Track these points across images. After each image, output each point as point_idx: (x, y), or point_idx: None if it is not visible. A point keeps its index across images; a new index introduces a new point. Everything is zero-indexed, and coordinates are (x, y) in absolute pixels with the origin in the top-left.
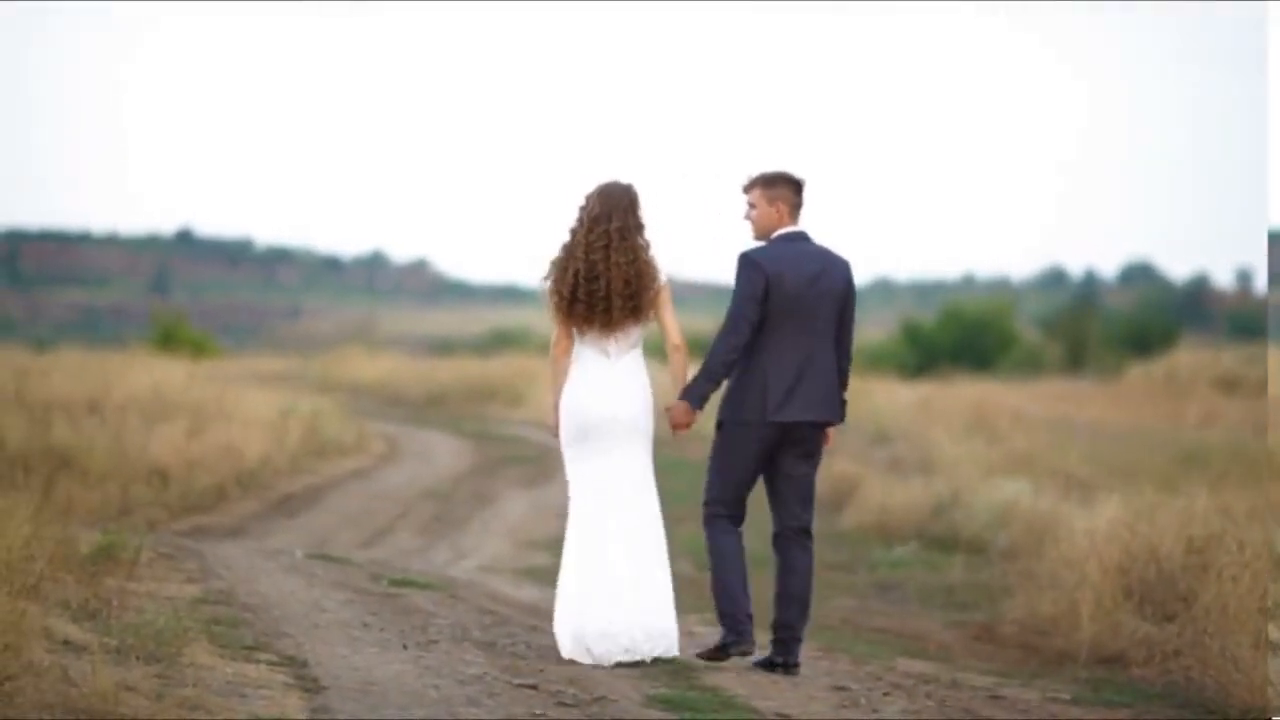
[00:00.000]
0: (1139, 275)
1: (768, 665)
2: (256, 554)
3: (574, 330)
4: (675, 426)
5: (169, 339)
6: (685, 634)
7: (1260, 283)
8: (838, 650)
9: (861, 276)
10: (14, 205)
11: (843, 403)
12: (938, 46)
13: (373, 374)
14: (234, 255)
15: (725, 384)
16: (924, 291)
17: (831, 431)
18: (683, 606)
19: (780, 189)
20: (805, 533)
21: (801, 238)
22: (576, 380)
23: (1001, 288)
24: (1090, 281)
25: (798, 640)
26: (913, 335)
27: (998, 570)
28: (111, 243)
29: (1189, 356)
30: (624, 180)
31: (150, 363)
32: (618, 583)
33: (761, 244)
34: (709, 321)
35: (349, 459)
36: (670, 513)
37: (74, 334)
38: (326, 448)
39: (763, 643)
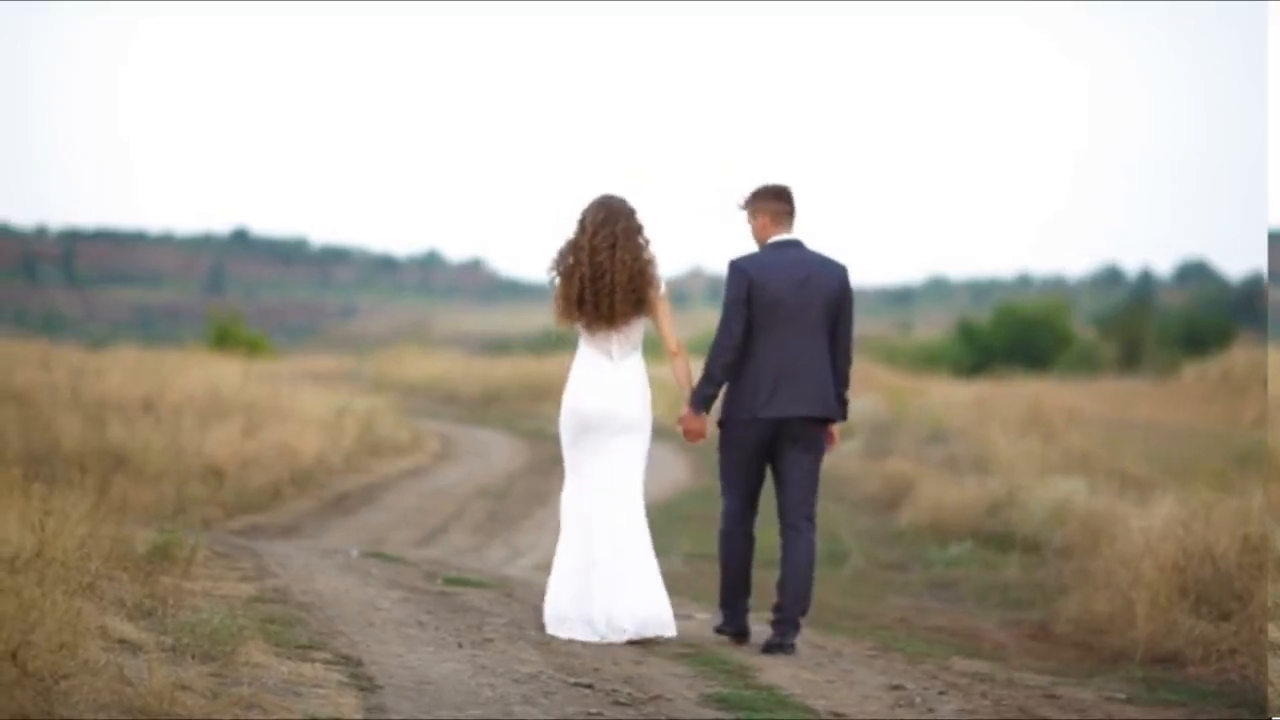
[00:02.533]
0: (1195, 274)
1: (766, 648)
2: (311, 552)
3: (580, 329)
4: (690, 436)
5: (224, 338)
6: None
7: None
8: (893, 649)
9: (917, 275)
10: (70, 205)
11: (844, 401)
12: (996, 46)
13: (428, 373)
14: (289, 254)
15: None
16: (979, 290)
17: (835, 429)
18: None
19: (766, 201)
20: (807, 521)
21: (792, 245)
22: (579, 379)
23: (1057, 286)
24: (1146, 280)
25: (791, 624)
26: (968, 334)
27: (1053, 569)
28: (167, 242)
29: (1245, 355)
30: (617, 194)
31: (205, 362)
32: (606, 570)
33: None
34: None
35: (404, 458)
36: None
37: (129, 333)
38: (381, 446)
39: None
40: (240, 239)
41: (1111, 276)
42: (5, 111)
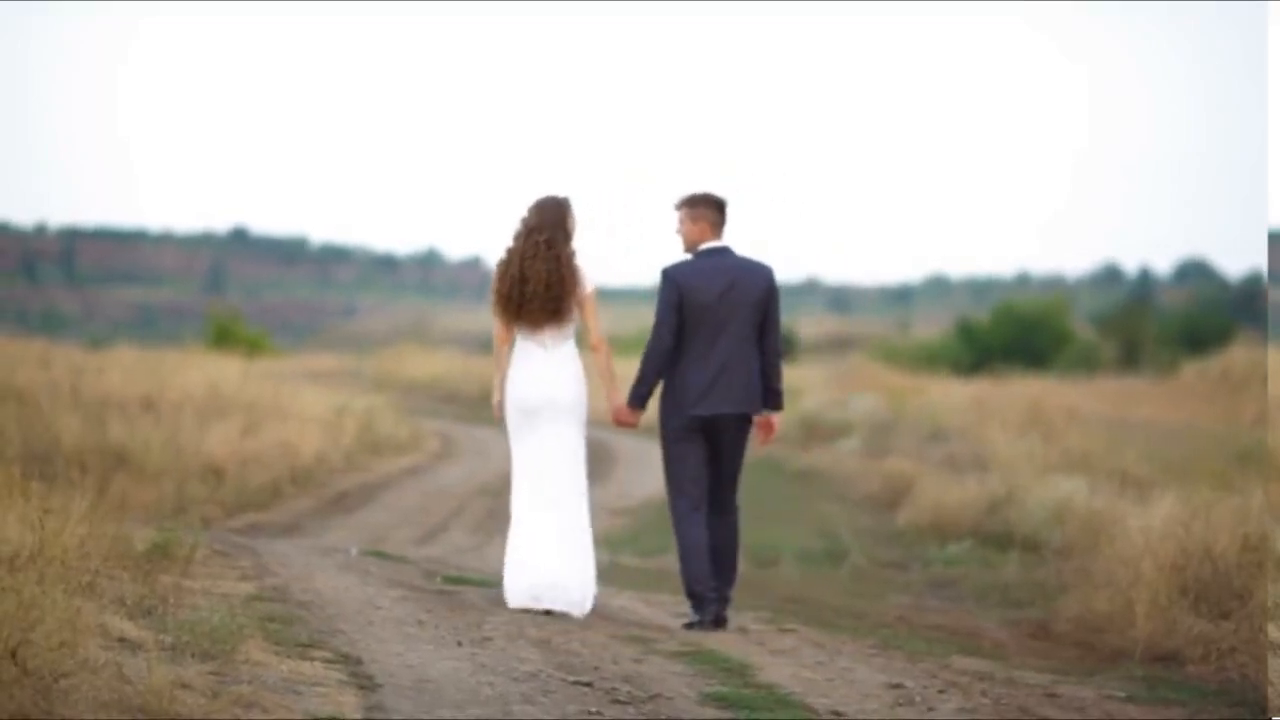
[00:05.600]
0: (1194, 273)
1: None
2: (311, 551)
3: (512, 325)
4: (619, 423)
5: (224, 337)
6: (737, 630)
7: None
8: (893, 647)
9: (916, 274)
10: (70, 203)
11: (776, 393)
12: (996, 46)
13: (427, 371)
14: (289, 253)
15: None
16: (979, 289)
17: (775, 419)
18: (737, 604)
19: (702, 209)
20: (732, 505)
21: (720, 252)
22: (517, 368)
23: (1056, 285)
24: (1145, 279)
25: (723, 599)
26: (968, 333)
27: (1053, 568)
28: (167, 241)
29: (1244, 354)
30: (559, 195)
31: (205, 361)
32: (548, 545)
33: (688, 257)
34: None
35: (404, 456)
36: None
37: (129, 332)
38: (381, 445)
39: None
40: (240, 238)
41: (1111, 275)
42: (5, 111)
